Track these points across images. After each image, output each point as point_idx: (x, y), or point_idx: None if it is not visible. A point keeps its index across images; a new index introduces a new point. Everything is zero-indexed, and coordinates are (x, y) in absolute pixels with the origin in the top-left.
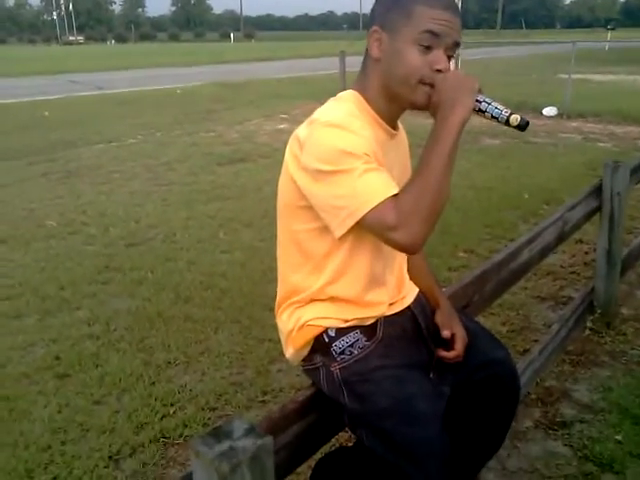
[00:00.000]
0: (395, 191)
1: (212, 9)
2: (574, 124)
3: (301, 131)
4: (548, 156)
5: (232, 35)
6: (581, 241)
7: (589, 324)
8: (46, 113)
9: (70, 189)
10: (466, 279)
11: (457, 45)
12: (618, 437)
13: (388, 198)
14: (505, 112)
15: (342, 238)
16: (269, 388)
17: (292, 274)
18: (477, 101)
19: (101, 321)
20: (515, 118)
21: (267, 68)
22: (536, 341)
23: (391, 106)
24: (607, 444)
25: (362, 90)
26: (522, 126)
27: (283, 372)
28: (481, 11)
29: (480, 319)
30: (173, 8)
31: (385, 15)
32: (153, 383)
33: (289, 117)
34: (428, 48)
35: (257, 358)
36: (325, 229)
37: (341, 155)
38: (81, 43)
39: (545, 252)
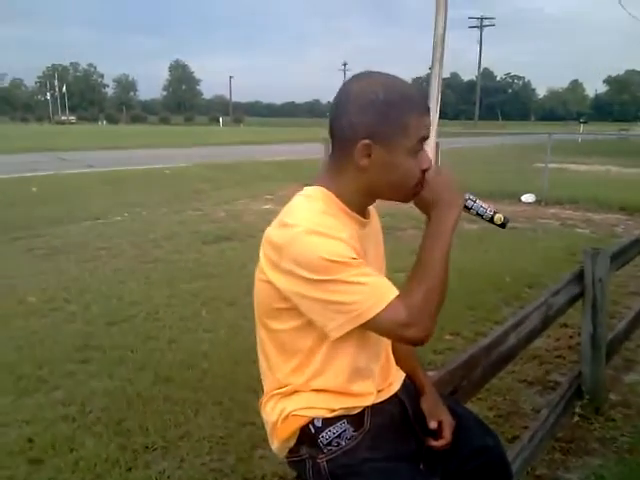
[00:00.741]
0: (397, 291)
1: (202, 94)
2: (552, 210)
3: (273, 233)
4: (528, 241)
5: (221, 119)
6: (565, 325)
7: (578, 410)
8: (34, 189)
9: (54, 265)
10: (453, 363)
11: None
12: None
13: (395, 298)
14: (490, 211)
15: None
16: (251, 476)
17: (275, 372)
18: (464, 198)
19: (77, 402)
20: (499, 217)
21: (254, 151)
22: (525, 427)
23: (369, 201)
24: None
25: (335, 189)
26: (505, 224)
27: (266, 459)
28: (459, 103)
29: (467, 404)
30: (164, 92)
31: (374, 128)
32: (129, 469)
33: (274, 198)
34: (417, 152)
35: (239, 443)
36: (305, 326)
37: (331, 265)
38: (73, 123)
39: (532, 336)
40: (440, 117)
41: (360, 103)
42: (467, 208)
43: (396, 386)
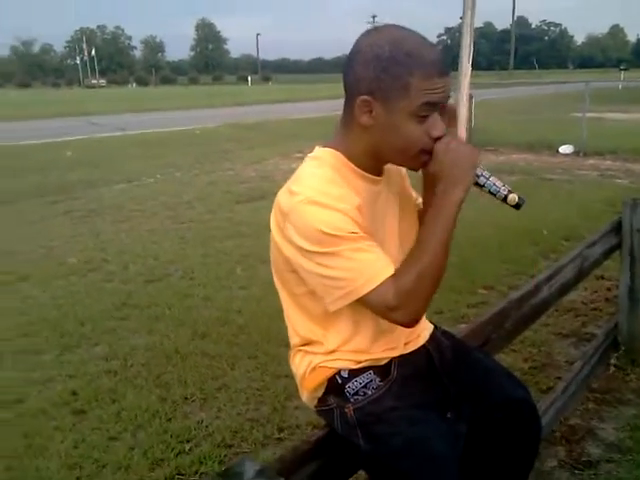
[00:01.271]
0: (392, 270)
1: (230, 53)
2: (591, 161)
3: (282, 198)
4: (565, 193)
5: (250, 78)
6: (602, 277)
7: (613, 361)
8: (69, 153)
9: (91, 227)
10: (484, 317)
11: (448, 98)
12: None
13: (387, 279)
14: (503, 190)
15: None
16: (286, 425)
17: (299, 330)
18: (476, 175)
19: (119, 357)
20: (513, 198)
21: (283, 109)
22: (559, 378)
23: (379, 163)
24: None
25: (344, 149)
26: (519, 205)
27: (300, 409)
28: (493, 53)
29: (501, 355)
30: (192, 53)
31: (375, 83)
32: (169, 419)
33: (304, 156)
34: (425, 116)
35: (274, 395)
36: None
37: (326, 237)
38: (103, 86)
39: (564, 289)
40: (473, 68)
41: (366, 58)
42: (479, 185)
43: (424, 338)
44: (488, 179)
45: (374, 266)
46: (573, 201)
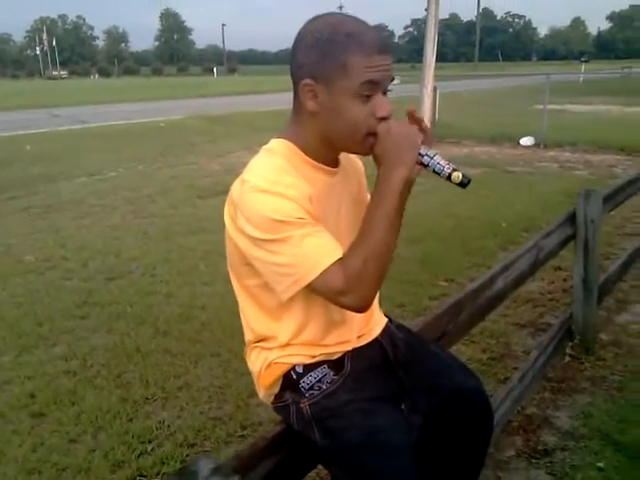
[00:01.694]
0: (339, 254)
1: (195, 44)
2: (551, 153)
3: (233, 189)
4: (526, 185)
5: (215, 69)
6: (560, 268)
7: (568, 350)
8: (28, 147)
9: (50, 223)
10: (440, 309)
11: (392, 80)
12: (600, 464)
13: (334, 263)
14: (447, 168)
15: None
16: (248, 422)
17: (253, 324)
18: (420, 154)
19: (78, 357)
20: (457, 175)
21: (249, 101)
22: (516, 369)
23: (331, 151)
24: (589, 472)
25: (296, 139)
26: (464, 183)
27: (263, 406)
28: (459, 44)
29: (460, 347)
30: (156, 43)
31: (316, 67)
32: (130, 420)
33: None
34: (369, 96)
35: (236, 392)
36: None
37: (275, 224)
38: (64, 77)
39: (520, 279)
40: (439, 60)
41: (306, 43)
42: (424, 165)
43: (377, 330)
44: (432, 158)
45: (321, 251)
46: (533, 193)
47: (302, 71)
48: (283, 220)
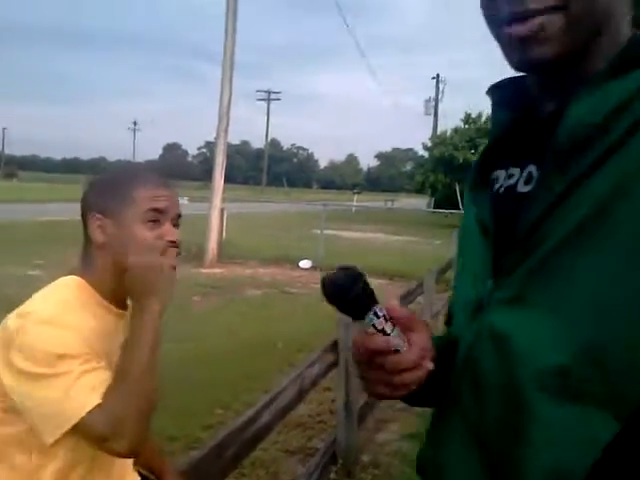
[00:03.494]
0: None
1: None
2: None
3: (11, 322)
4: (302, 306)
5: None
6: (329, 389)
7: (333, 475)
8: None
9: None
10: (203, 450)
11: (179, 216)
12: None
13: (95, 406)
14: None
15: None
16: None
17: None
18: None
19: None
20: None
21: (28, 210)
22: None
23: (121, 289)
24: None
25: (86, 274)
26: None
27: None
28: (248, 169)
29: None
30: None
31: (103, 203)
32: None
33: (45, 263)
34: (156, 222)
35: None
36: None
37: (56, 358)
38: None
39: (287, 409)
40: (229, 182)
41: (96, 186)
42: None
43: None
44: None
45: (83, 392)
46: (309, 313)
47: (91, 207)
48: (65, 354)
